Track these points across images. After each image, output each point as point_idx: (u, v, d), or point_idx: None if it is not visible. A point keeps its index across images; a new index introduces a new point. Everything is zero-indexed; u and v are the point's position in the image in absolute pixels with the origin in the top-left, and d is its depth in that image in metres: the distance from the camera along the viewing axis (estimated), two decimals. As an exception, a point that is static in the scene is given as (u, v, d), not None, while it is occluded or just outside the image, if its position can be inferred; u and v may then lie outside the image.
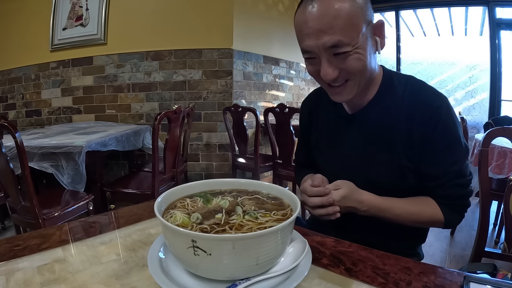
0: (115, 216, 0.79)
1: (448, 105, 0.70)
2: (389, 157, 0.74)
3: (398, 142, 0.73)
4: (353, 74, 0.68)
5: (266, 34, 3.42)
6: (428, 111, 0.69)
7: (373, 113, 0.76)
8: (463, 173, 0.72)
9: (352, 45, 0.64)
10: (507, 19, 3.91)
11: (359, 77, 0.69)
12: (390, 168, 0.74)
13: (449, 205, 0.73)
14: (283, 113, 2.35)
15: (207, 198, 0.58)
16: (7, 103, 3.60)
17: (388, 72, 0.78)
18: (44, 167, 1.82)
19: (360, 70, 0.67)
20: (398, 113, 0.73)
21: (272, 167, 2.68)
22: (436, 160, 0.71)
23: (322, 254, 0.58)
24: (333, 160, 0.84)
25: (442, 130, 0.69)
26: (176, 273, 0.48)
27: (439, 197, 0.74)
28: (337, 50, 0.64)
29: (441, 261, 1.98)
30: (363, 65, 0.67)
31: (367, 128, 0.78)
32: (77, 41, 3.18)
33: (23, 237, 0.64)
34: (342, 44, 0.63)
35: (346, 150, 0.81)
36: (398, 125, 0.72)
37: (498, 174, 1.99)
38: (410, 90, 0.73)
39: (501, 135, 1.10)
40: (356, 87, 0.71)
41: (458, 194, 0.73)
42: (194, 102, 3.03)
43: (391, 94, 0.75)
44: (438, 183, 0.72)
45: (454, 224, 0.77)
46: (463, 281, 0.48)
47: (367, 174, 0.77)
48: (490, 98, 4.06)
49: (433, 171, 0.72)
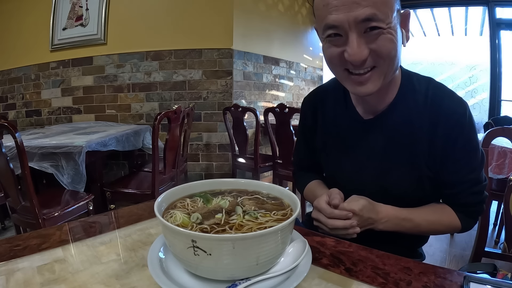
0: (115, 216, 0.79)
1: (470, 112, 0.68)
2: (409, 165, 0.71)
3: (419, 150, 0.69)
4: (382, 59, 0.60)
5: (266, 34, 3.42)
6: (452, 119, 0.66)
7: (393, 118, 0.71)
8: (480, 179, 0.71)
9: (387, 22, 0.57)
10: (507, 19, 3.91)
11: (387, 65, 0.61)
12: (408, 177, 0.71)
13: (466, 212, 0.73)
14: (283, 113, 2.35)
15: (207, 198, 0.58)
16: (7, 103, 3.61)
17: (407, 72, 0.73)
18: (44, 167, 1.82)
19: (391, 56, 0.60)
20: (420, 120, 0.69)
21: (272, 167, 2.68)
22: (455, 168, 0.69)
23: (322, 254, 0.58)
24: (345, 166, 0.79)
25: (464, 138, 0.67)
26: (176, 273, 0.48)
27: (456, 205, 0.73)
28: (371, 24, 0.57)
29: (441, 261, 1.98)
30: (395, 50, 0.60)
31: (386, 135, 0.72)
32: (77, 41, 3.18)
33: (23, 237, 0.64)
34: (378, 19, 0.56)
35: (361, 157, 0.76)
36: (419, 132, 0.69)
37: (498, 174, 1.99)
38: (433, 95, 0.69)
39: (501, 135, 1.10)
40: (383, 78, 0.63)
41: (475, 201, 0.72)
42: (194, 102, 3.03)
43: (412, 98, 0.70)
44: (456, 191, 0.71)
45: (469, 229, 0.76)
46: (463, 281, 0.48)
47: (382, 182, 0.74)
48: (490, 98, 4.06)
49: (451, 178, 0.70)
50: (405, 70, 0.74)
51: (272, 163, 2.65)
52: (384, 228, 0.69)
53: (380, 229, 0.69)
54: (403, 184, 0.72)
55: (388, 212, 0.70)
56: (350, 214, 0.64)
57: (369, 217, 0.67)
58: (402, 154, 0.71)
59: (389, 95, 0.72)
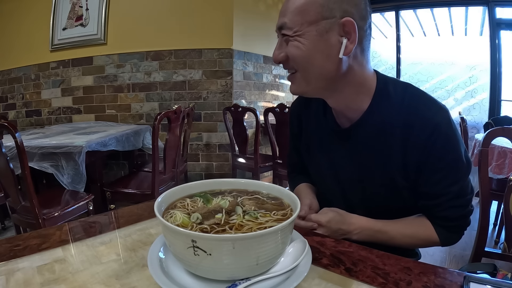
0: (115, 216, 0.79)
1: (449, 120, 0.65)
2: (384, 175, 0.69)
3: (393, 160, 0.67)
4: (295, 63, 0.64)
5: (266, 34, 3.42)
6: (428, 127, 0.63)
7: (366, 128, 0.70)
8: (463, 192, 0.68)
9: (294, 31, 0.61)
10: (507, 19, 3.91)
11: (303, 71, 0.64)
12: (385, 187, 0.70)
13: (446, 227, 0.70)
14: (283, 113, 2.35)
15: (207, 198, 0.58)
16: (7, 103, 3.60)
17: (383, 79, 0.70)
18: (44, 167, 1.82)
19: (299, 62, 0.63)
20: (393, 128, 0.66)
21: (272, 167, 2.68)
22: (434, 179, 0.66)
23: (322, 254, 0.58)
24: (327, 172, 0.80)
25: (442, 148, 0.64)
26: (176, 273, 0.48)
27: (436, 218, 0.70)
28: (282, 32, 0.63)
29: (441, 261, 1.98)
30: (302, 57, 0.62)
31: (362, 143, 0.71)
32: (77, 41, 3.18)
33: (23, 237, 0.64)
34: (286, 27, 0.62)
35: (339, 168, 0.76)
36: (393, 140, 0.67)
37: (498, 174, 1.99)
38: (408, 102, 0.66)
39: (501, 135, 1.10)
40: (304, 83, 0.66)
41: (456, 215, 0.69)
42: (194, 102, 3.03)
43: (386, 106, 0.68)
44: (435, 203, 0.68)
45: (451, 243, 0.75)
46: (463, 281, 0.48)
47: (361, 193, 0.74)
48: (490, 98, 4.06)
49: (431, 190, 0.67)
50: (382, 76, 0.71)
51: (272, 163, 2.65)
52: (359, 239, 0.69)
53: (355, 239, 0.69)
54: (381, 192, 0.72)
55: (361, 223, 0.70)
56: (315, 225, 0.68)
57: (339, 228, 0.69)
58: (376, 165, 0.70)
59: (361, 104, 0.69)
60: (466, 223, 0.71)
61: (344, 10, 0.60)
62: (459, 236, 0.72)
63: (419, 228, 0.71)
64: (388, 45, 4.64)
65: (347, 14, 0.60)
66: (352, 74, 0.65)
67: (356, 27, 0.60)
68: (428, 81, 4.55)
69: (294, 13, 0.61)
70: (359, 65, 0.66)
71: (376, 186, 0.71)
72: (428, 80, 4.54)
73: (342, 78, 0.65)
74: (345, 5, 0.60)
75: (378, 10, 4.51)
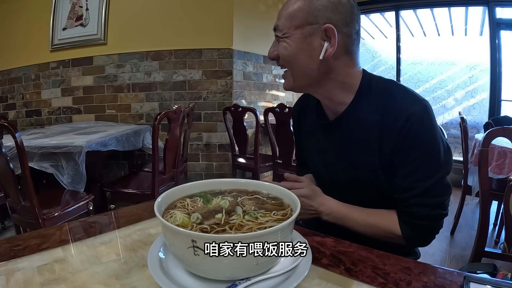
0: (115, 216, 0.79)
1: (424, 112, 0.65)
2: (366, 167, 0.72)
3: (373, 151, 0.70)
4: (284, 62, 0.71)
5: (266, 34, 3.40)
6: (401, 116, 0.65)
7: (348, 121, 0.74)
8: (433, 192, 0.66)
9: (283, 33, 0.69)
10: (507, 19, 3.91)
11: (291, 69, 0.72)
12: (369, 177, 0.72)
13: (409, 224, 0.69)
14: (283, 113, 2.35)
15: (207, 198, 0.58)
16: (7, 103, 3.60)
17: (368, 77, 0.74)
18: (44, 167, 1.82)
19: (287, 60, 0.70)
20: (372, 119, 0.70)
21: (272, 167, 2.68)
22: (405, 172, 0.67)
23: (322, 254, 0.58)
24: (319, 162, 0.84)
25: (414, 139, 0.64)
26: (176, 273, 0.48)
27: (401, 212, 0.70)
28: (274, 33, 0.72)
29: (441, 261, 1.98)
30: (288, 56, 0.69)
31: (343, 136, 0.76)
32: (77, 41, 3.18)
33: (23, 237, 0.64)
34: (278, 29, 0.70)
35: (327, 161, 0.81)
36: (372, 134, 0.70)
37: (498, 174, 1.99)
38: (387, 95, 0.70)
39: (501, 135, 1.10)
40: (291, 79, 0.73)
41: (420, 214, 0.67)
42: (194, 102, 3.03)
43: (367, 101, 0.72)
44: (402, 197, 0.69)
45: (416, 245, 0.74)
46: (463, 281, 0.48)
47: (350, 181, 0.77)
48: (490, 98, 4.05)
49: (401, 183, 0.68)
50: (368, 74, 0.75)
51: (272, 163, 2.65)
52: (329, 220, 0.75)
53: (325, 220, 0.76)
54: (366, 184, 0.74)
55: (331, 205, 0.76)
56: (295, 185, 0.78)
57: (310, 205, 0.76)
58: (359, 156, 0.73)
59: (344, 99, 0.74)
60: (434, 226, 0.69)
61: (327, 18, 0.66)
62: (425, 238, 0.71)
63: (382, 218, 0.72)
64: (388, 45, 4.64)
65: (330, 21, 0.66)
66: (335, 73, 0.71)
67: (336, 33, 0.66)
68: (428, 81, 4.54)
69: (285, 18, 0.69)
70: (344, 66, 0.71)
71: (362, 179, 0.74)
72: (428, 80, 4.54)
73: (324, 76, 0.71)
74: (329, 13, 0.66)
75: (378, 10, 4.51)
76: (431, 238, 0.71)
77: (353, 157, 0.75)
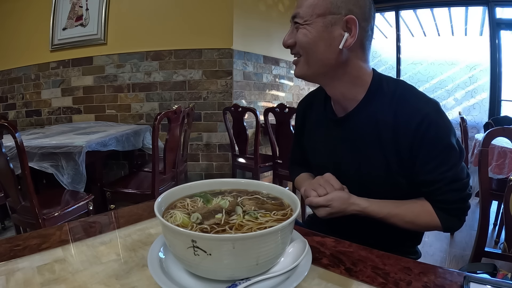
0: (115, 216, 0.79)
1: (438, 110, 0.69)
2: (378, 163, 0.73)
3: (386, 148, 0.72)
4: (301, 49, 0.72)
5: (266, 34, 3.42)
6: (417, 117, 0.68)
7: (359, 118, 0.76)
8: (458, 177, 0.71)
9: (304, 20, 0.70)
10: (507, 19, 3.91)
11: (306, 55, 0.72)
12: (380, 174, 0.74)
13: (446, 210, 0.72)
14: (283, 113, 2.35)
15: (207, 198, 0.58)
16: (7, 103, 3.60)
17: (378, 76, 0.77)
18: (44, 167, 1.82)
19: (305, 47, 0.71)
20: (385, 119, 0.72)
21: (272, 167, 2.68)
22: (429, 168, 0.70)
23: (322, 254, 0.58)
24: (324, 163, 0.84)
25: (434, 137, 0.68)
26: (176, 273, 0.48)
27: (436, 202, 0.73)
28: (294, 20, 0.72)
29: (441, 261, 1.98)
30: (308, 43, 0.70)
31: (353, 133, 0.77)
32: (77, 41, 3.18)
33: (23, 237, 0.64)
34: (298, 16, 0.71)
35: (336, 155, 0.81)
36: (384, 132, 0.72)
37: (498, 174, 1.99)
38: (399, 96, 0.72)
39: (501, 135, 1.10)
40: (306, 66, 0.74)
41: (455, 199, 0.71)
42: (194, 102, 3.03)
43: (379, 99, 0.74)
44: (433, 188, 0.71)
45: (454, 229, 0.77)
46: (463, 281, 0.48)
47: (359, 178, 0.77)
48: (490, 98, 4.06)
49: (427, 177, 0.71)
50: (378, 73, 0.77)
51: (272, 163, 2.65)
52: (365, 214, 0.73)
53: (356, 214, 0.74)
54: (377, 179, 0.75)
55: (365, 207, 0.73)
56: None
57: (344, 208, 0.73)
58: (370, 153, 0.75)
59: (356, 95, 0.76)
60: (466, 206, 0.74)
61: (349, 9, 0.68)
62: (460, 220, 0.74)
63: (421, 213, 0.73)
64: (388, 45, 4.64)
65: (351, 12, 0.68)
66: (350, 65, 0.73)
67: (357, 24, 0.68)
68: (428, 81, 4.55)
69: (307, 6, 0.70)
70: (358, 60, 0.73)
71: (373, 173, 0.75)
72: (428, 80, 4.55)
73: (340, 67, 0.73)
74: (351, 5, 0.68)
75: (378, 10, 4.51)
76: (463, 219, 0.75)
77: (363, 154, 0.76)
